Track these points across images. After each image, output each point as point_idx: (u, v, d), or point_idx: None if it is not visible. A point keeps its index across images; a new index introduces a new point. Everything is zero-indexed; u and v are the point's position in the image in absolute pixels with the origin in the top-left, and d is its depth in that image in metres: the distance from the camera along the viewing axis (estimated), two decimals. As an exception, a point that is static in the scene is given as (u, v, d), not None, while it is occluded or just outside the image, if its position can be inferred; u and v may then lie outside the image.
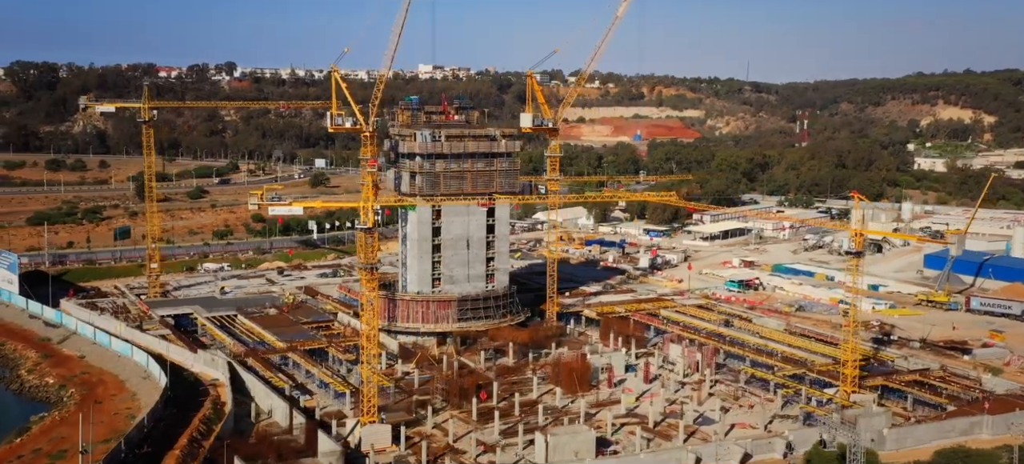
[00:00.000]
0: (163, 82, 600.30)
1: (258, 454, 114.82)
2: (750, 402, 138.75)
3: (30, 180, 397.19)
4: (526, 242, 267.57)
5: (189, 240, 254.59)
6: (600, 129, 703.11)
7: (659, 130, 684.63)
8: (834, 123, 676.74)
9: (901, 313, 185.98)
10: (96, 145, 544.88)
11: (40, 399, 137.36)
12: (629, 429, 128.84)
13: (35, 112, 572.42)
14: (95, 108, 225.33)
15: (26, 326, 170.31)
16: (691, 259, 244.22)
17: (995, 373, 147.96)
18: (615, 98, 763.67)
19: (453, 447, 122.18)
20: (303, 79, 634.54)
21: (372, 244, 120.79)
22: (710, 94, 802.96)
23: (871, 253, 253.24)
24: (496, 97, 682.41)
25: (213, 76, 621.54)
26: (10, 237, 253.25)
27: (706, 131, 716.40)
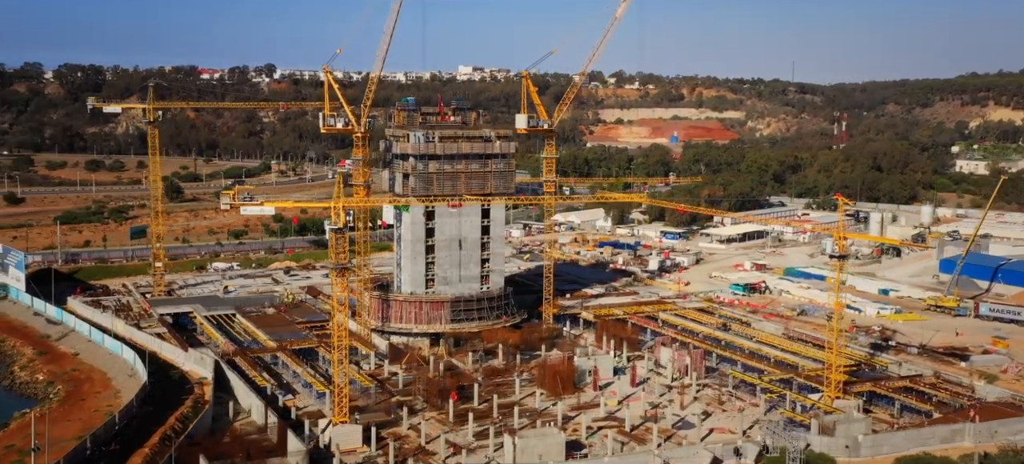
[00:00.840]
0: (204, 84, 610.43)
1: (227, 453, 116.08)
2: (738, 406, 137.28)
3: (67, 180, 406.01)
4: (539, 244, 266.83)
5: (206, 239, 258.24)
6: (638, 131, 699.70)
7: (697, 132, 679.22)
8: (878, 125, 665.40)
9: (905, 318, 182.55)
10: (137, 146, 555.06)
11: (28, 395, 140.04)
12: (604, 433, 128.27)
13: (81, 114, 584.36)
14: (102, 108, 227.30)
15: (29, 323, 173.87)
16: (704, 262, 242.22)
17: (990, 380, 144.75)
18: (654, 99, 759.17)
19: (423, 448, 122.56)
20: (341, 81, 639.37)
21: (342, 245, 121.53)
22: (752, 95, 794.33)
23: (890, 257, 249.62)
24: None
25: (253, 78, 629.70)
26: (36, 235, 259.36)
27: (746, 133, 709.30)
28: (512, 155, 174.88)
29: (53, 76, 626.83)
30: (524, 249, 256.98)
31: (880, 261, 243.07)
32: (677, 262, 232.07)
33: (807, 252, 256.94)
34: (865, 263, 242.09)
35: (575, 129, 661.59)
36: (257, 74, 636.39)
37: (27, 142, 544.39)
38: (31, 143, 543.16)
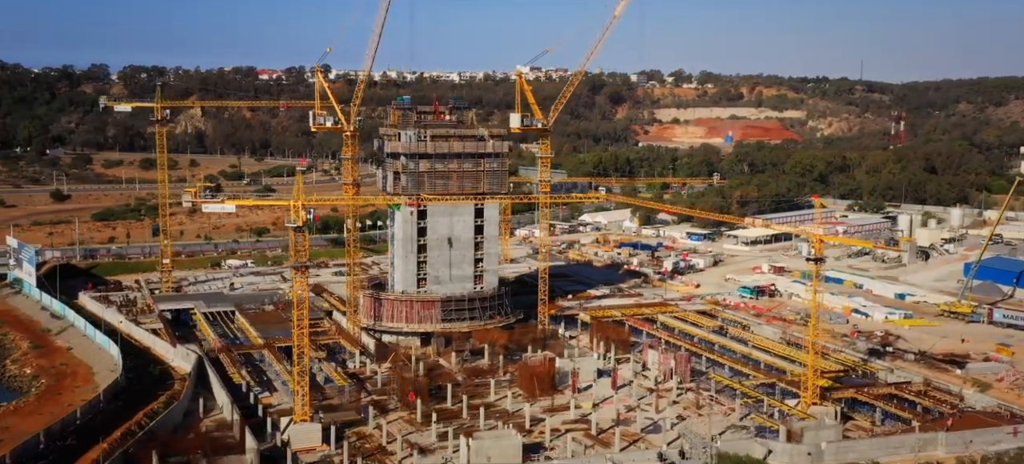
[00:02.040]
0: (261, 84, 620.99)
1: (186, 450, 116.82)
2: (724, 410, 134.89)
3: (118, 178, 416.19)
4: (560, 244, 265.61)
5: (232, 236, 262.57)
6: (693, 131, 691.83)
7: (755, 131, 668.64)
8: (946, 124, 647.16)
9: (913, 324, 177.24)
10: (194, 145, 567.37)
11: (15, 388, 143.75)
12: (572, 435, 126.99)
13: (142, 113, 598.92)
14: (113, 106, 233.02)
15: (34, 317, 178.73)
16: (723, 264, 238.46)
17: (983, 389, 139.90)
18: (712, 99, 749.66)
19: (383, 448, 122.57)
20: (394, 80, 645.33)
21: (303, 243, 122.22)
22: (816, 94, 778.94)
23: (920, 259, 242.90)
24: (586, 98, 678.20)
25: (309, 79, 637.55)
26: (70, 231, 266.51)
27: (806, 133, 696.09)
28: (506, 154, 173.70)
29: (118, 77, 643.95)
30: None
31: (904, 264, 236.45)
32: (692, 264, 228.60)
33: (833, 254, 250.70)
34: (889, 266, 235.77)
35: (627, 129, 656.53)
36: (313, 75, 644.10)
37: (90, 141, 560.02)
38: (94, 142, 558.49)
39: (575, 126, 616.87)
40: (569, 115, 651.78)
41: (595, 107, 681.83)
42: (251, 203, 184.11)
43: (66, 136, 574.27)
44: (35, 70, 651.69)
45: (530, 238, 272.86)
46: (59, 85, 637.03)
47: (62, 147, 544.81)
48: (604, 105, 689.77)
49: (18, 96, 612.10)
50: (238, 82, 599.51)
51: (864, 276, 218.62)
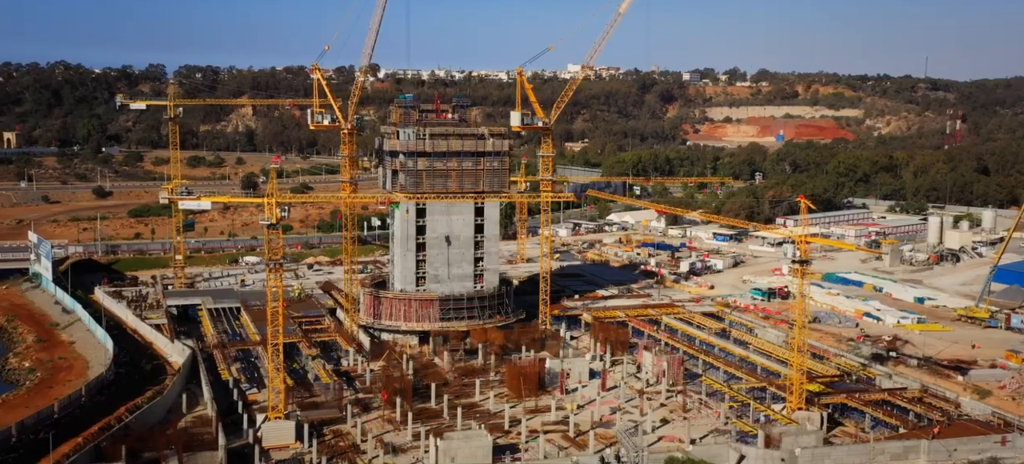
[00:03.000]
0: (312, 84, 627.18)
1: (161, 445, 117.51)
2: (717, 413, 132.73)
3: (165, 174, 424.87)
4: (582, 244, 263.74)
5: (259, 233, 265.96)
6: (745, 129, 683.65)
7: (808, 130, 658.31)
8: (1013, 123, 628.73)
9: (925, 328, 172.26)
10: (243, 143, 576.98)
11: (12, 381, 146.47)
12: (549, 437, 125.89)
13: (196, 112, 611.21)
14: (130, 104, 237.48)
15: (47, 311, 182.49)
16: (744, 265, 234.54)
17: (982, 396, 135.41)
18: (766, 97, 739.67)
19: (356, 446, 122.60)
20: (442, 79, 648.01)
21: (277, 241, 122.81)
22: (875, 93, 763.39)
23: (951, 263, 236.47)
24: (636, 96, 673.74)
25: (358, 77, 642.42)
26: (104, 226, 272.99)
27: (863, 132, 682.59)
28: (506, 153, 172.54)
29: (174, 77, 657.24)
30: (561, 248, 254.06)
31: (932, 267, 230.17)
32: (709, 265, 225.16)
33: (860, 257, 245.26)
34: (917, 269, 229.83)
35: (677, 128, 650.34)
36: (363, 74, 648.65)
37: (144, 139, 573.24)
38: (148, 140, 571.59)
39: (622, 125, 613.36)
40: (616, 113, 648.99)
41: (644, 106, 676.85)
42: (227, 200, 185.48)
43: (123, 134, 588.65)
44: (96, 70, 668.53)
45: (553, 237, 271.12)
46: (118, 85, 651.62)
47: (118, 145, 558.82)
48: (654, 104, 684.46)
49: (79, 96, 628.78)
50: (288, 81, 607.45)
51: (886, 279, 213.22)
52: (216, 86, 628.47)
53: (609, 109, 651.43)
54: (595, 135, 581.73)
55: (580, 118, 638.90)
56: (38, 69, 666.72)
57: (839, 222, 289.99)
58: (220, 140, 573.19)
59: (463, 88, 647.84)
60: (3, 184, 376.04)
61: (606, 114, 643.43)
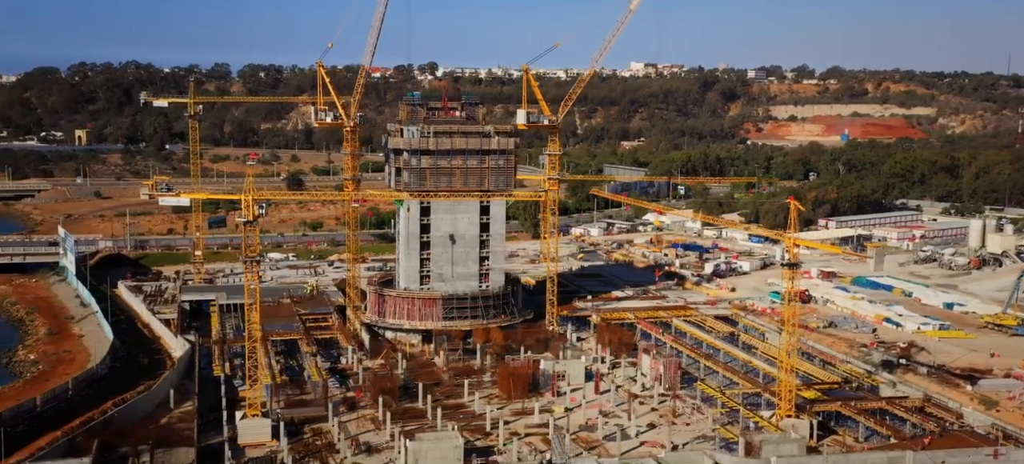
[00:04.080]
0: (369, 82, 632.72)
1: (138, 440, 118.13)
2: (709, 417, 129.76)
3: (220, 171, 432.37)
4: (610, 244, 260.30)
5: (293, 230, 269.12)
6: (810, 128, 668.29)
7: (876, 129, 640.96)
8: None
9: (945, 335, 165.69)
10: (302, 141, 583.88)
11: (14, 373, 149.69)
12: (529, 440, 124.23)
13: (258, 111, 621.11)
14: (152, 102, 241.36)
15: (67, 304, 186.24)
16: (773, 267, 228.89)
17: (988, 407, 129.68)
18: (834, 95, 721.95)
19: (331, 445, 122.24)
20: (499, 78, 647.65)
21: (254, 238, 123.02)
22: (950, 91, 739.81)
23: (992, 267, 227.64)
24: (696, 94, 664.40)
25: (417, 76, 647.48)
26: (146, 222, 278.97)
27: (936, 130, 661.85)
28: (512, 152, 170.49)
29: (238, 76, 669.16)
30: (585, 247, 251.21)
31: (970, 272, 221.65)
32: (735, 267, 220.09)
33: (899, 260, 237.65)
34: (955, 274, 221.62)
35: (739, 126, 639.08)
36: (421, 72, 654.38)
37: (207, 137, 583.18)
38: (210, 138, 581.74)
39: (680, 124, 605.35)
40: (675, 112, 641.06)
41: (705, 104, 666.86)
42: (206, 196, 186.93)
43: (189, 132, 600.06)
44: (165, 69, 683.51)
45: (585, 237, 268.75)
46: (186, 83, 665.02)
47: (182, 143, 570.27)
48: (715, 102, 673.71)
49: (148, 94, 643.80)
50: (349, 80, 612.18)
51: (919, 283, 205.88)
52: (278, 84, 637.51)
53: (667, 107, 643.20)
54: (652, 134, 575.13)
55: (637, 116, 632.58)
56: (111, 69, 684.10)
57: (882, 224, 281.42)
58: (279, 138, 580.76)
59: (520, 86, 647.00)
60: (63, 180, 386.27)
61: (664, 112, 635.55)
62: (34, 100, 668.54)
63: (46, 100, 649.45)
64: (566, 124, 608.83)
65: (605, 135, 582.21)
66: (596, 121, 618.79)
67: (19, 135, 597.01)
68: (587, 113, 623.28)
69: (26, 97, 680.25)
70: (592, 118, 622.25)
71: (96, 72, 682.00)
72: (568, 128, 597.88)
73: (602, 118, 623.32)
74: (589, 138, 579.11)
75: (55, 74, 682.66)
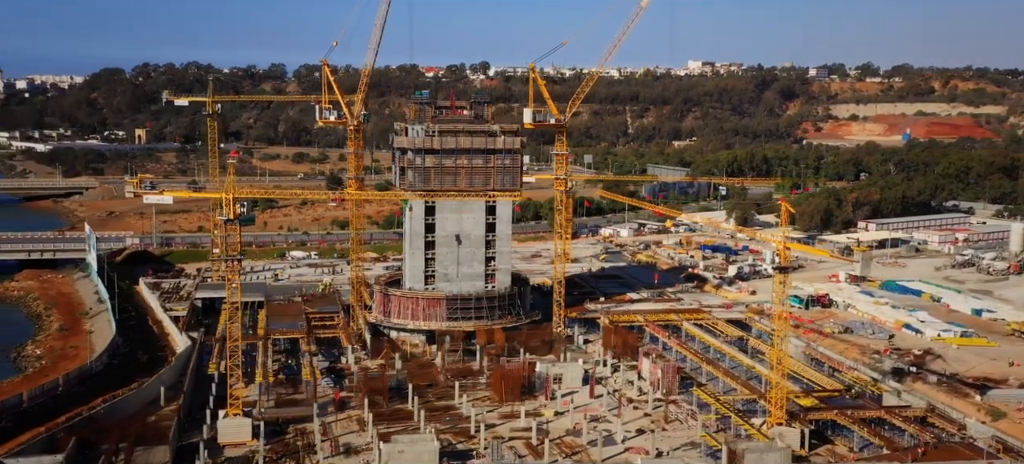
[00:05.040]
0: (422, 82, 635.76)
1: (116, 437, 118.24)
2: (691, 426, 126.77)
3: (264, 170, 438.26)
4: (640, 244, 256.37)
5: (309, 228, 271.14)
6: (871, 127, 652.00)
7: (941, 128, 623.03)
8: None
9: (965, 342, 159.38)
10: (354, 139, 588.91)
11: (19, 368, 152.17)
12: (510, 444, 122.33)
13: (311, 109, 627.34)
14: (174, 100, 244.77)
15: (85, 300, 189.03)
16: (803, 270, 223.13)
17: (995, 418, 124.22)
18: (898, 94, 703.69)
19: (310, 446, 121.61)
20: (552, 76, 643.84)
21: (235, 236, 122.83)
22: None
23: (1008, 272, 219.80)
24: (752, 93, 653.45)
25: (469, 75, 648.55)
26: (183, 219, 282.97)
27: (1006, 130, 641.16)
28: (518, 151, 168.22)
29: (293, 76, 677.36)
30: (610, 248, 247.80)
31: (1008, 278, 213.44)
32: (759, 270, 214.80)
33: (934, 265, 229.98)
34: (993, 279, 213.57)
35: (795, 125, 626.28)
36: (473, 71, 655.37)
37: (262, 137, 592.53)
38: (265, 137, 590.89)
39: (734, 123, 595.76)
40: (729, 111, 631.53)
41: (761, 103, 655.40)
42: (185, 195, 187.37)
43: (244, 131, 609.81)
44: (224, 70, 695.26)
45: (613, 237, 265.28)
46: (244, 83, 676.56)
47: (237, 142, 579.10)
48: (772, 100, 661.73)
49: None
50: (400, 79, 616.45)
51: (950, 289, 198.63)
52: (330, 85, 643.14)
53: (722, 106, 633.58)
54: (704, 133, 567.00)
55: (690, 116, 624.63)
56: (173, 69, 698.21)
57: (924, 226, 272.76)
58: (332, 136, 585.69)
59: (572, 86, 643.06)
60: (111, 178, 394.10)
61: (718, 112, 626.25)
62: (100, 100, 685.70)
63: (111, 100, 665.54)
64: (616, 124, 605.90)
65: (656, 134, 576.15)
66: (648, 120, 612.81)
67: (83, 134, 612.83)
68: (639, 112, 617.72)
69: (93, 97, 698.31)
70: (643, 117, 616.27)
71: (159, 73, 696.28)
72: (619, 128, 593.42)
73: (654, 117, 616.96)
74: (640, 138, 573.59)
75: (120, 75, 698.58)
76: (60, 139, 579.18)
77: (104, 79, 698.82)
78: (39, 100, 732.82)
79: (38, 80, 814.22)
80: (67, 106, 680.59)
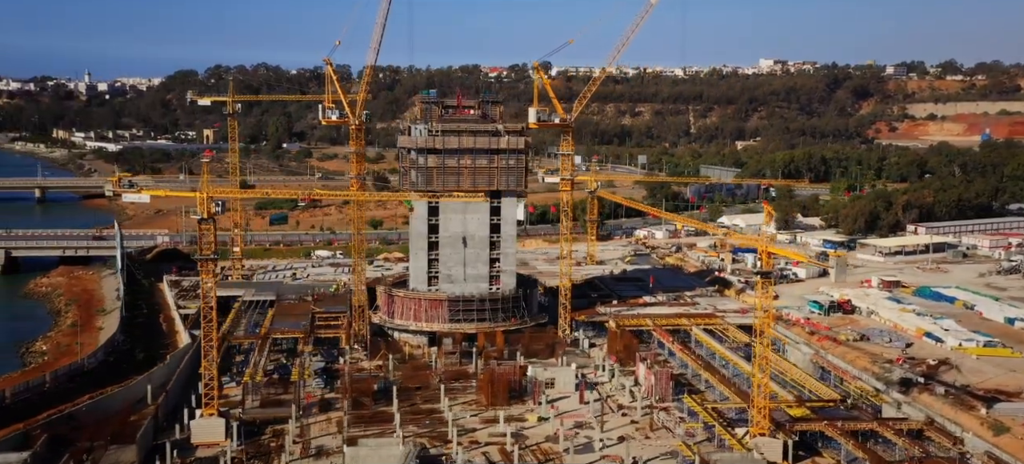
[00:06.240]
0: (483, 82, 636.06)
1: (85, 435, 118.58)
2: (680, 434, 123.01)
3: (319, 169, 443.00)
4: (672, 246, 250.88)
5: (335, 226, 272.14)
6: (950, 127, 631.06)
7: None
8: None
9: (985, 352, 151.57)
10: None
11: (26, 362, 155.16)
12: (483, 451, 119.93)
13: (376, 109, 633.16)
14: (198, 101, 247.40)
15: (107, 296, 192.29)
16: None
17: (998, 432, 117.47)
18: (981, 92, 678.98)
19: (281, 447, 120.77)
20: (613, 76, 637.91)
21: (210, 235, 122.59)
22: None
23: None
24: (823, 92, 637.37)
25: (531, 75, 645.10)
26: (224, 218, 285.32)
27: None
28: (523, 150, 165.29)
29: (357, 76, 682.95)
30: (640, 250, 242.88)
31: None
32: (787, 274, 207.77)
33: (979, 271, 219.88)
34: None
35: (867, 125, 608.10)
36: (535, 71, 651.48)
37: (325, 136, 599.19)
38: (328, 137, 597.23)
39: (801, 123, 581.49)
40: (797, 110, 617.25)
41: (832, 102, 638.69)
42: (164, 193, 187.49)
43: (309, 132, 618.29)
44: (292, 71, 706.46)
45: (647, 239, 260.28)
46: (311, 84, 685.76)
47: (301, 142, 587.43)
48: (845, 99, 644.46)
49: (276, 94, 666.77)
50: (462, 80, 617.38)
51: (987, 296, 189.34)
52: (395, 85, 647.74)
53: (789, 106, 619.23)
54: (768, 133, 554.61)
55: (756, 115, 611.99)
56: (243, 70, 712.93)
57: (977, 231, 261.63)
58: (393, 136, 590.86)
59: (635, 85, 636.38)
60: (167, 176, 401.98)
61: (785, 111, 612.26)
62: (174, 101, 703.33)
63: (184, 101, 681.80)
64: (677, 124, 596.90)
65: (718, 134, 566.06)
66: (711, 120, 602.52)
67: (155, 134, 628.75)
68: (702, 112, 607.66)
69: (168, 98, 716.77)
70: (707, 117, 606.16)
71: (230, 74, 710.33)
72: (681, 128, 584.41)
73: (717, 117, 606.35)
74: (701, 138, 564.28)
75: (193, 76, 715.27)
76: (132, 139, 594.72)
77: (179, 80, 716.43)
78: (118, 102, 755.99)
79: (119, 82, 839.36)
80: (143, 107, 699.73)
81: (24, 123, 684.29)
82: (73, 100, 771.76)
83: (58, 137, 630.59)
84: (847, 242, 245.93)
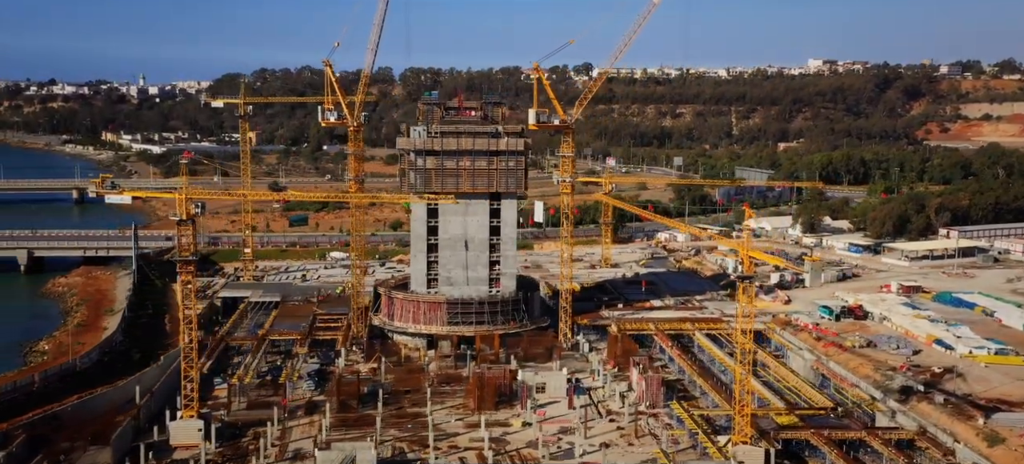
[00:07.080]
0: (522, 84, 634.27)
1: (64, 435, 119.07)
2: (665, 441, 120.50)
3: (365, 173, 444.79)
4: (692, 249, 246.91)
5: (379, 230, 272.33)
6: (1005, 128, 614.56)
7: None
8: None
9: (996, 360, 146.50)
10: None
11: (27, 360, 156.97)
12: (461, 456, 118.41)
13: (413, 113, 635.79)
14: (212, 102, 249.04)
15: (119, 296, 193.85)
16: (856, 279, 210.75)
17: (992, 443, 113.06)
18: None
19: (256, 450, 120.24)
20: (655, 77, 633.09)
21: (190, 236, 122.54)
22: None
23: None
24: (871, 93, 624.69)
25: (572, 77, 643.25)
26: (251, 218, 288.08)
27: None
28: (523, 152, 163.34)
29: (399, 79, 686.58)
30: (657, 253, 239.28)
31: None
32: (802, 278, 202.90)
33: (1007, 276, 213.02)
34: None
35: (917, 126, 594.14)
36: (577, 73, 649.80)
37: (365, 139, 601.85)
38: (368, 140, 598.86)
39: (847, 123, 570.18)
40: (843, 111, 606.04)
41: (881, 103, 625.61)
42: (145, 194, 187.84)
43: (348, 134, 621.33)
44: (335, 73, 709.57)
45: (668, 242, 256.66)
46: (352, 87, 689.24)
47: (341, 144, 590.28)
48: (894, 100, 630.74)
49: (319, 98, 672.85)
50: (501, 81, 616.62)
51: (1010, 303, 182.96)
52: (436, 86, 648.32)
53: (835, 106, 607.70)
54: (812, 134, 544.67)
55: (800, 116, 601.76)
56: (288, 74, 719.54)
57: (1012, 235, 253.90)
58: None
59: (676, 86, 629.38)
60: (203, 178, 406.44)
61: (830, 111, 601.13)
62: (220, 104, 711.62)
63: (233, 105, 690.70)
64: (719, 125, 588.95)
65: (761, 136, 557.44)
66: (753, 122, 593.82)
67: (201, 137, 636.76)
68: (744, 113, 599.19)
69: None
70: (750, 118, 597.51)
71: (275, 77, 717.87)
72: (723, 129, 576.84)
73: (760, 118, 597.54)
74: (743, 139, 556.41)
75: (240, 79, 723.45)
76: (177, 142, 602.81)
77: (226, 84, 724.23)
78: (167, 105, 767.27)
79: (168, 86, 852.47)
80: (191, 110, 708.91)
81: (77, 125, 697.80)
82: (125, 103, 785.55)
83: (107, 140, 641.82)
84: (874, 246, 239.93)
